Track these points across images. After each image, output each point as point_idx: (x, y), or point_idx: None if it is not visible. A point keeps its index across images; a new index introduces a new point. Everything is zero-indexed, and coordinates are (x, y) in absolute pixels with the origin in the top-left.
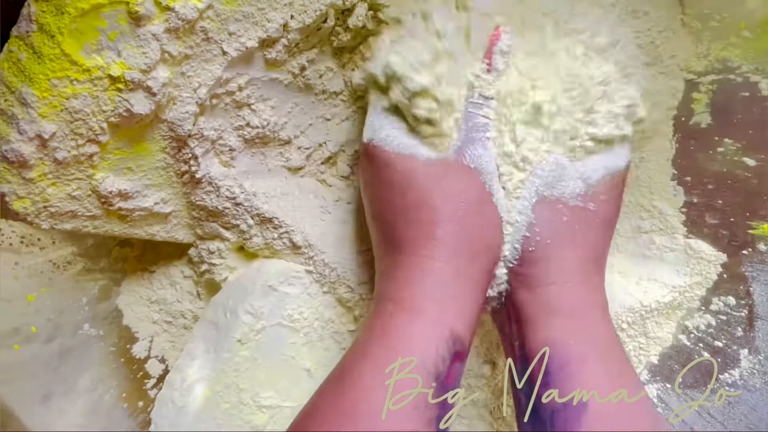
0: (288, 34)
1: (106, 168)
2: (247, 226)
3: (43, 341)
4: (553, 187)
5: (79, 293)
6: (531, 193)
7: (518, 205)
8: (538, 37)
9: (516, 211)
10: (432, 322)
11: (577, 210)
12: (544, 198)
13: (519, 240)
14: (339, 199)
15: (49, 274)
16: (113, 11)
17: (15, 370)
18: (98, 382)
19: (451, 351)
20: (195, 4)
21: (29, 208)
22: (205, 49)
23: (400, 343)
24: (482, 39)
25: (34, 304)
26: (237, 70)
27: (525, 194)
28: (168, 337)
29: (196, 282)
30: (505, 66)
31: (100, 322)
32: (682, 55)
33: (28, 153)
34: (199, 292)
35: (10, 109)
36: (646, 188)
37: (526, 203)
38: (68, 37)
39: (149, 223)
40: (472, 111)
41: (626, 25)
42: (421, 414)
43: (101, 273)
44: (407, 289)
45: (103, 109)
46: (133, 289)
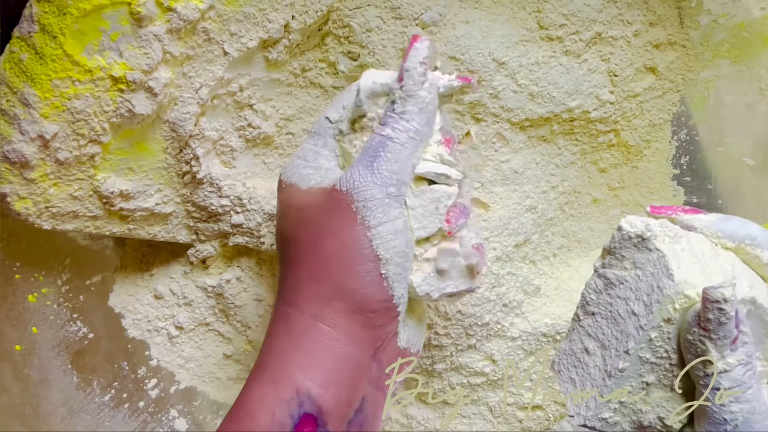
0: (289, 35)
1: (107, 168)
2: (248, 227)
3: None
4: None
5: (79, 294)
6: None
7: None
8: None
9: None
10: (271, 380)
11: None
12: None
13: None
14: None
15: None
16: (115, 12)
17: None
18: (98, 382)
19: (295, 415)
20: (196, 5)
21: (31, 208)
22: (206, 49)
23: (245, 405)
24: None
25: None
26: (238, 70)
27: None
28: (167, 337)
29: (196, 283)
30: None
31: (99, 323)
32: (682, 55)
33: (29, 153)
34: (198, 293)
35: (11, 109)
36: (646, 188)
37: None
38: (70, 38)
39: (150, 224)
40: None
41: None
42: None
43: (100, 273)
44: (265, 341)
45: (104, 109)
46: (133, 290)
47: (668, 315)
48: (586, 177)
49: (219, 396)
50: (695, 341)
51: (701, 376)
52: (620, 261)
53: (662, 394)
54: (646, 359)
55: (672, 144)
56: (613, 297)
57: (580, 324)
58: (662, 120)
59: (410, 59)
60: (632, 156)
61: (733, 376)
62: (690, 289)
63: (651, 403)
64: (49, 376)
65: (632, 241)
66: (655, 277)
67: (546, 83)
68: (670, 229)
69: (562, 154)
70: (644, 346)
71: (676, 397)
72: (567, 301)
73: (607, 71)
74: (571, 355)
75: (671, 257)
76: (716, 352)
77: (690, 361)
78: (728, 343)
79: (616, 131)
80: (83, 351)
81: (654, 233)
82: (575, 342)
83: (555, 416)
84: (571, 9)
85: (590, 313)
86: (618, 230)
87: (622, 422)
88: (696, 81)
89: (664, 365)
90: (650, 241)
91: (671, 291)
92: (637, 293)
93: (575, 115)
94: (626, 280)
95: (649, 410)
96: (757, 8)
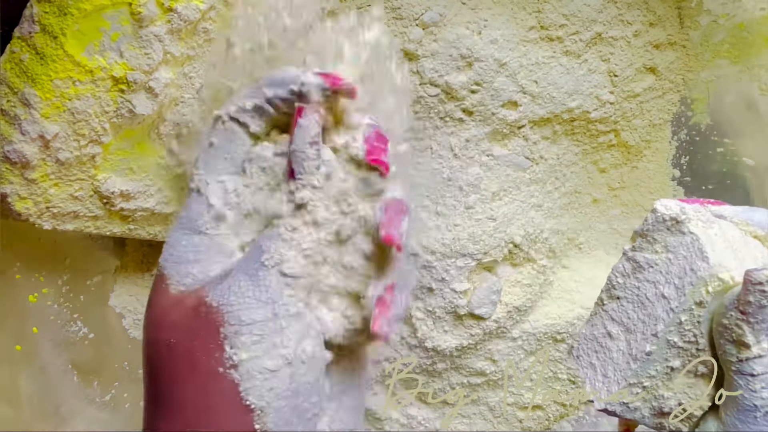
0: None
1: (108, 168)
2: None
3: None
4: None
5: (79, 294)
6: None
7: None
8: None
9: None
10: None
11: None
12: None
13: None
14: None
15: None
16: (116, 12)
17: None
18: (98, 382)
19: None
20: (197, 5)
21: (31, 208)
22: (207, 50)
23: None
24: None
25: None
26: None
27: None
28: None
29: None
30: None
31: (99, 323)
32: (682, 55)
33: (30, 154)
34: None
35: (12, 109)
36: (645, 188)
37: None
38: (71, 38)
39: (151, 224)
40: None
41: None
42: None
43: (101, 273)
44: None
45: (105, 109)
46: (134, 290)
47: (700, 298)
48: (586, 177)
49: None
50: (731, 325)
51: (733, 362)
52: (651, 244)
53: (686, 380)
54: (674, 343)
55: (672, 144)
56: (641, 281)
57: (603, 308)
58: (662, 120)
59: (297, 140)
60: (632, 156)
61: (767, 362)
62: (724, 272)
63: (674, 389)
64: (49, 377)
65: (666, 224)
66: (688, 260)
67: (546, 83)
68: (702, 213)
69: (564, 155)
70: (673, 329)
71: (700, 383)
72: (567, 301)
73: (607, 71)
74: (592, 340)
75: (705, 240)
76: (753, 336)
77: (722, 347)
78: (765, 327)
79: (616, 131)
80: (84, 351)
81: (688, 216)
82: (597, 327)
83: (555, 416)
84: (571, 9)
85: (615, 297)
86: (652, 212)
87: (642, 408)
88: (696, 81)
89: (690, 350)
90: (684, 224)
91: (705, 273)
92: (668, 276)
93: (575, 116)
94: (656, 264)
95: (671, 396)
96: (757, 8)
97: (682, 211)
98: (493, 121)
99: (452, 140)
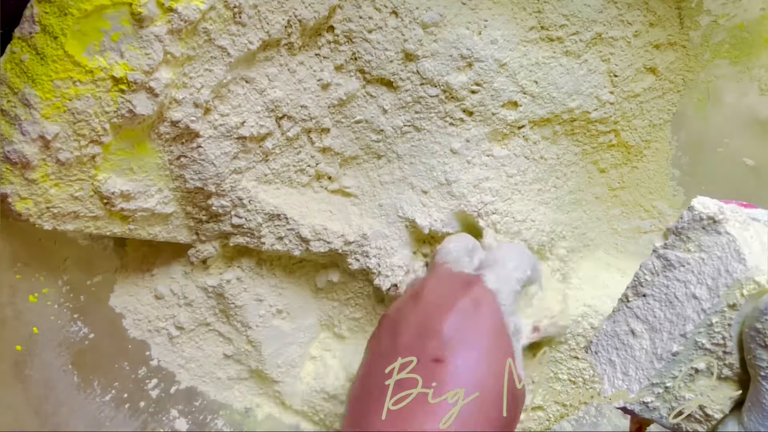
0: (290, 36)
1: (108, 169)
2: (249, 226)
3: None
4: None
5: (79, 294)
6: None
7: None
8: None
9: None
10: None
11: None
12: None
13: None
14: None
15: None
16: (116, 12)
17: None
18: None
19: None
20: (197, 6)
21: (32, 209)
22: (207, 50)
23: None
24: None
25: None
26: (239, 71)
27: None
28: (168, 338)
29: (197, 283)
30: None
31: (99, 323)
32: (682, 55)
33: (30, 154)
34: (198, 293)
35: (12, 110)
36: (645, 188)
37: None
38: (71, 39)
39: (151, 224)
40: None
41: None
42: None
43: (101, 273)
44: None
45: (105, 110)
46: (134, 290)
47: (734, 300)
48: (586, 177)
49: (219, 396)
50: (765, 329)
51: (763, 366)
52: (684, 243)
53: (708, 383)
54: (702, 344)
55: (672, 144)
56: (671, 279)
57: (627, 305)
58: (662, 120)
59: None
60: (632, 156)
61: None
62: (760, 275)
63: (695, 390)
64: (49, 377)
65: (702, 223)
66: (723, 261)
67: (546, 84)
68: (739, 214)
69: (564, 155)
70: (703, 331)
71: (723, 386)
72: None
73: (607, 72)
74: (613, 337)
75: (742, 242)
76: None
77: (752, 351)
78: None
79: (616, 131)
80: (84, 351)
81: (726, 216)
82: (620, 323)
83: (555, 416)
84: (571, 9)
85: (641, 294)
86: (689, 210)
87: (661, 408)
88: (696, 81)
89: (717, 353)
90: (721, 224)
91: (741, 276)
92: (700, 276)
93: (575, 116)
94: (689, 263)
95: (692, 398)
96: (757, 8)
97: (720, 211)
98: (493, 121)
99: (452, 140)
